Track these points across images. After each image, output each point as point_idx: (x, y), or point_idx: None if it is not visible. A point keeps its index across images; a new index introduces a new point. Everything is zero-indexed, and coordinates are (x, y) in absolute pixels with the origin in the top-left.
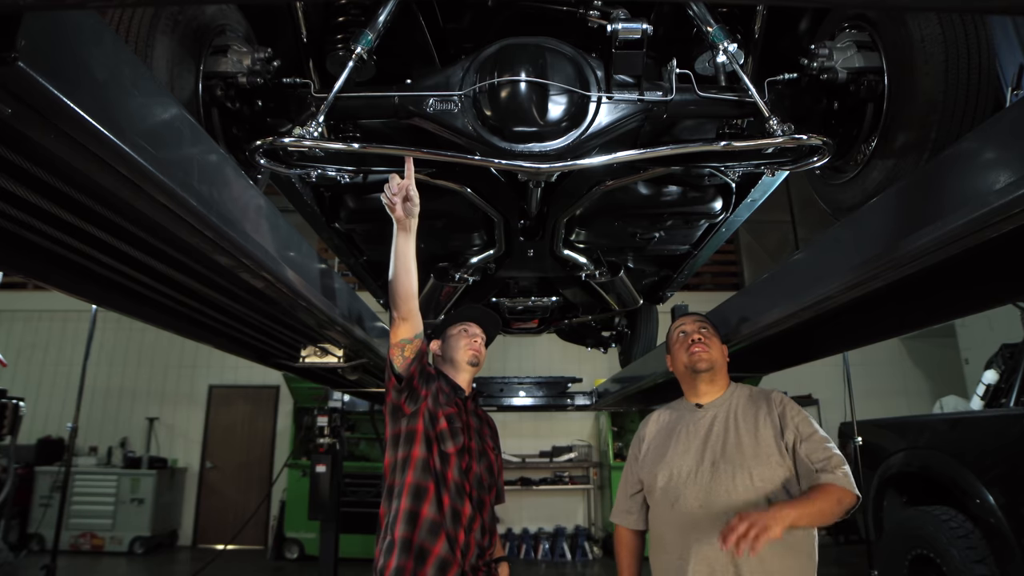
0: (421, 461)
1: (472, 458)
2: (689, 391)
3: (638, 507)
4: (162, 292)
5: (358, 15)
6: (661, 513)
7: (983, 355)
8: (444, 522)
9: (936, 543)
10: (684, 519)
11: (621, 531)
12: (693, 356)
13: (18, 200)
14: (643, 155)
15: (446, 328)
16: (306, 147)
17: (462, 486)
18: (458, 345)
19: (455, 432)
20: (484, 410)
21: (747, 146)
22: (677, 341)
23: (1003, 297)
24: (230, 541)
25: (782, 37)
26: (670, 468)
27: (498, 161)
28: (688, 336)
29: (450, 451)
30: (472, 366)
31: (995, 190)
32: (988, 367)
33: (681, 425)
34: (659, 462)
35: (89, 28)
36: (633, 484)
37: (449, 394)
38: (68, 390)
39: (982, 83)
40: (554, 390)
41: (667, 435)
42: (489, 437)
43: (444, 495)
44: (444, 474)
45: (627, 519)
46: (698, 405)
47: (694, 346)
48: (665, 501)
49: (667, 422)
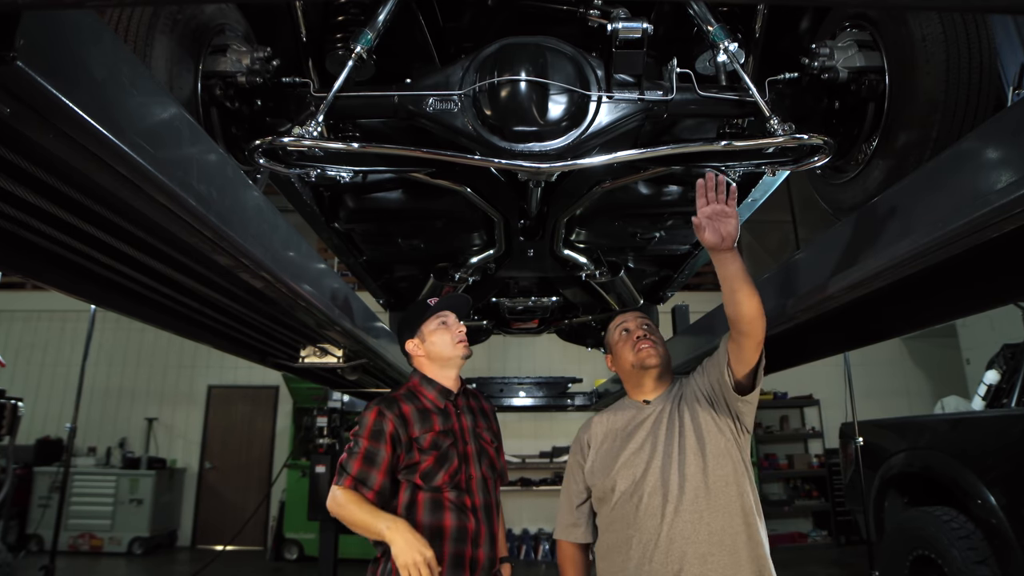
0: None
1: (471, 463)
2: (635, 389)
3: (585, 519)
4: (161, 292)
5: (357, 14)
6: (624, 515)
7: (984, 355)
8: (448, 544)
9: (937, 544)
10: (650, 517)
11: (566, 547)
12: (641, 353)
13: (17, 200)
14: (643, 155)
15: (419, 326)
16: (305, 147)
17: (462, 503)
18: (443, 341)
19: (443, 457)
20: (476, 393)
21: (748, 146)
22: (620, 339)
23: (1005, 297)
24: (229, 542)
25: (783, 36)
26: (630, 469)
27: (498, 161)
28: (632, 333)
29: (439, 483)
30: (464, 359)
31: (996, 190)
32: (989, 367)
33: (632, 425)
34: (613, 465)
35: (88, 27)
36: (578, 493)
37: (430, 409)
38: (67, 390)
39: (983, 82)
40: (554, 390)
41: (616, 437)
42: (485, 430)
43: (445, 520)
44: (440, 502)
45: (573, 533)
46: (645, 402)
47: (641, 342)
48: (629, 503)
49: (615, 424)
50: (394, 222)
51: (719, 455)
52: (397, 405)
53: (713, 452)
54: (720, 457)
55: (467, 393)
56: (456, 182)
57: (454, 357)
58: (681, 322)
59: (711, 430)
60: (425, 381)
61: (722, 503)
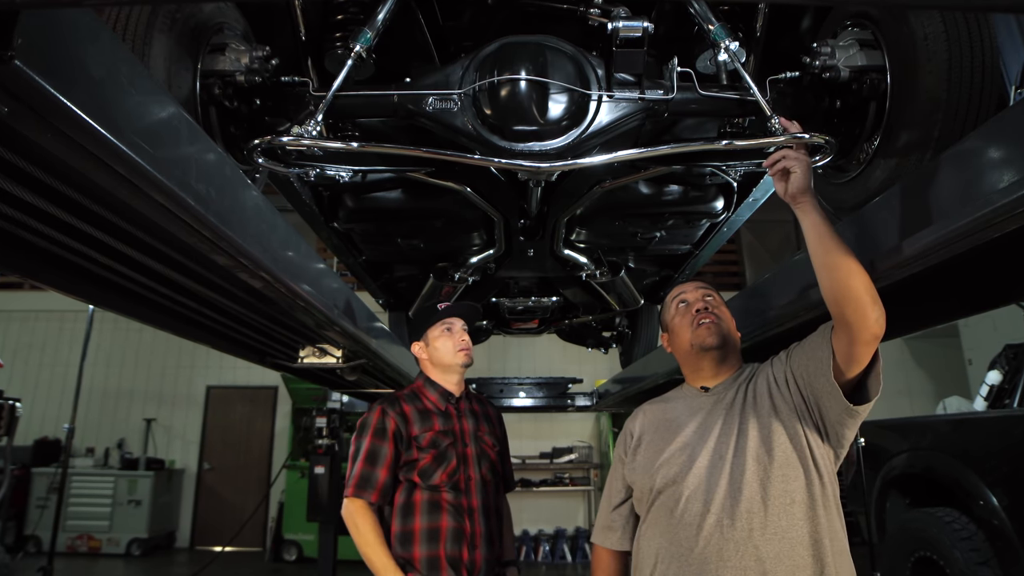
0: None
1: (470, 465)
2: (693, 374)
3: (622, 522)
4: (159, 292)
5: (357, 13)
6: (657, 521)
7: (986, 356)
8: (445, 549)
9: (939, 545)
10: (685, 527)
11: (600, 553)
12: (701, 330)
13: (14, 199)
14: (644, 154)
15: (426, 330)
16: (304, 146)
17: (459, 504)
18: (446, 348)
19: (442, 456)
20: (483, 399)
21: (749, 145)
22: (678, 314)
23: (1007, 297)
24: (228, 543)
25: (784, 35)
26: (671, 467)
27: (498, 160)
28: (691, 306)
29: (437, 481)
30: (465, 367)
31: (999, 189)
32: (992, 368)
33: (684, 415)
34: (656, 461)
35: (86, 26)
36: (618, 492)
37: (430, 410)
38: (65, 391)
39: (985, 82)
40: (554, 391)
41: (664, 428)
42: (487, 434)
43: (442, 522)
44: (437, 503)
45: (608, 537)
46: (704, 389)
47: (701, 316)
48: (663, 508)
49: (665, 414)
50: (393, 222)
51: (787, 465)
52: (399, 404)
53: (781, 461)
54: (789, 468)
55: (471, 397)
56: (456, 182)
57: (454, 364)
58: None
59: (783, 434)
60: (428, 383)
61: (782, 526)
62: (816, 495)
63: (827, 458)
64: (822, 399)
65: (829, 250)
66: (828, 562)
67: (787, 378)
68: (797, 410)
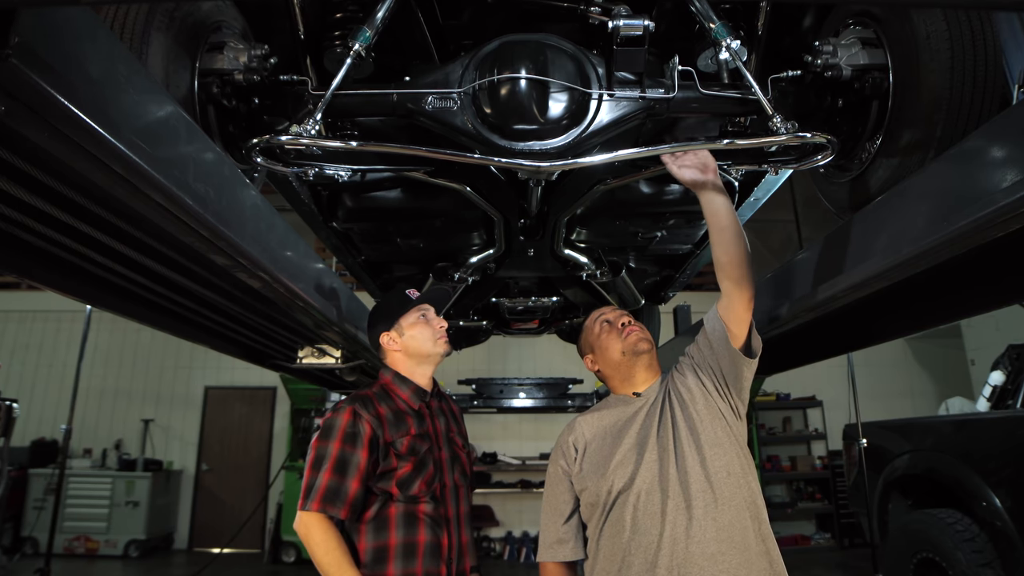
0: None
1: (444, 470)
2: (624, 383)
3: (574, 532)
4: (157, 292)
5: (356, 11)
6: (619, 519)
7: (989, 356)
8: (422, 566)
9: (942, 546)
10: (649, 518)
11: (551, 570)
12: (631, 337)
13: (11, 198)
14: (645, 153)
15: (397, 319)
16: (303, 145)
17: (437, 516)
18: (424, 336)
19: (421, 464)
20: (444, 395)
21: (750, 144)
22: (603, 331)
23: (1010, 297)
24: (226, 544)
25: (786, 34)
26: (626, 468)
27: (498, 159)
28: (615, 322)
29: (415, 491)
30: (444, 356)
31: (1001, 189)
32: (994, 368)
33: (623, 420)
34: (608, 465)
35: (83, 25)
36: (566, 503)
37: (404, 411)
38: (62, 391)
39: (988, 80)
40: (555, 391)
41: (607, 434)
42: (456, 435)
43: (419, 536)
44: (414, 515)
45: (561, 551)
46: (636, 394)
47: (628, 328)
48: (625, 506)
49: (603, 423)
50: (393, 221)
51: (714, 444)
52: (372, 405)
53: (708, 441)
54: (716, 446)
55: (439, 397)
56: (455, 181)
57: (434, 353)
58: (683, 322)
59: (703, 418)
60: (398, 379)
61: (727, 496)
62: (742, 461)
63: (739, 426)
64: (723, 362)
65: (729, 226)
66: (760, 516)
67: (694, 367)
68: (705, 388)
